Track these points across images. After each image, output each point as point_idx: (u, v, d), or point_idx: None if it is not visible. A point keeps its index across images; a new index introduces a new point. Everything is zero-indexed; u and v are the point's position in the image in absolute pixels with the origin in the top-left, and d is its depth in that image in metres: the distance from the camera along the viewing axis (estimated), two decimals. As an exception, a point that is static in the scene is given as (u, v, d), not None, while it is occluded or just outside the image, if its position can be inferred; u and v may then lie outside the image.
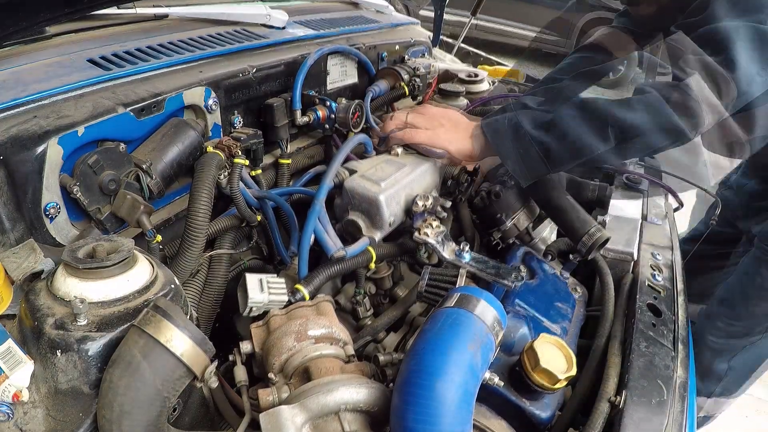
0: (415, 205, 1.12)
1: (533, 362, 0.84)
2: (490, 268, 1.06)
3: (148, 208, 0.98)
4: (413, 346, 0.72)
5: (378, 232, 1.10)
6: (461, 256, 1.07)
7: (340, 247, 1.03)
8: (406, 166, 1.19)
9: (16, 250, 0.83)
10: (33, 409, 0.68)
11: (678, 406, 0.89)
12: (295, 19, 1.64)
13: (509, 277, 1.04)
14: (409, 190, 1.15)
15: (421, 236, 1.09)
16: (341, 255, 1.02)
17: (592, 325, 1.15)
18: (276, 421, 0.66)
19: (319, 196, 1.05)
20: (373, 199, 1.08)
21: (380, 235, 1.10)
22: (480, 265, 1.07)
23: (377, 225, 1.09)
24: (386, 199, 1.08)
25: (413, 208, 1.12)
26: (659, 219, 1.47)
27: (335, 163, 1.10)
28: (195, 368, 0.70)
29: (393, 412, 0.68)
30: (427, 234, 1.09)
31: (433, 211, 1.15)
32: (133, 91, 1.04)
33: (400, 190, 1.13)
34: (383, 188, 1.09)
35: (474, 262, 1.08)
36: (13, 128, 0.84)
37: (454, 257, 1.08)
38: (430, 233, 1.09)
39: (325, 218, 1.07)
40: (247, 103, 1.30)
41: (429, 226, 1.10)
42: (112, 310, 0.72)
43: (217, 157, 1.11)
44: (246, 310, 0.96)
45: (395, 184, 1.12)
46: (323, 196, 1.05)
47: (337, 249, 1.02)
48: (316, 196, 1.06)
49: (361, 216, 1.10)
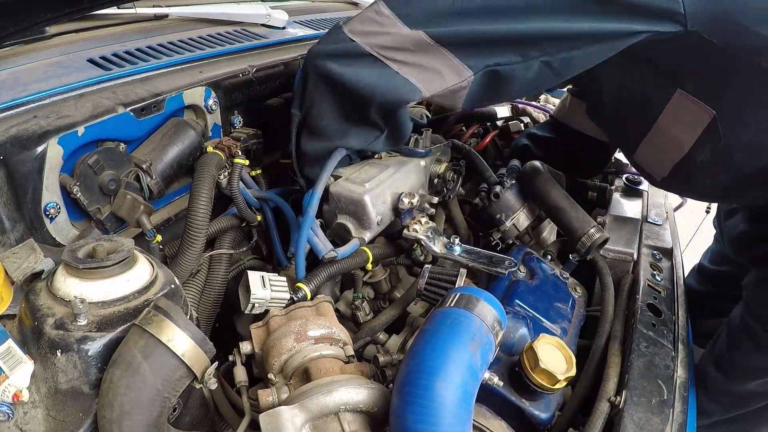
0: (400, 202, 1.14)
1: (533, 362, 0.84)
2: (482, 257, 1.07)
3: (148, 208, 0.98)
4: (413, 346, 0.72)
5: (367, 232, 1.11)
6: (452, 249, 1.08)
7: (330, 249, 1.04)
8: (389, 167, 1.21)
9: (16, 250, 0.83)
10: (33, 409, 0.68)
11: (678, 406, 0.89)
12: (295, 19, 1.64)
13: (502, 265, 1.04)
14: (395, 189, 1.17)
15: (410, 233, 1.10)
16: (332, 256, 1.03)
17: (592, 325, 1.15)
18: (276, 421, 0.66)
19: (311, 205, 1.06)
20: (358, 201, 1.09)
21: (369, 235, 1.11)
22: (472, 256, 1.07)
23: (365, 225, 1.11)
24: (371, 199, 1.09)
25: (399, 206, 1.14)
26: (659, 219, 1.47)
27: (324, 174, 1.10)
28: (195, 368, 0.70)
29: (392, 412, 0.68)
30: (416, 230, 1.10)
31: (421, 208, 1.17)
32: (133, 91, 1.04)
33: (385, 190, 1.14)
34: (367, 189, 1.10)
35: (465, 253, 1.08)
36: (13, 128, 0.84)
37: (445, 251, 1.09)
38: (419, 229, 1.10)
39: (314, 223, 1.09)
40: (247, 103, 1.30)
41: (418, 222, 1.11)
42: (112, 310, 0.72)
43: (217, 157, 1.11)
44: (248, 307, 0.96)
45: (380, 184, 1.14)
46: (315, 206, 1.06)
47: (328, 251, 1.03)
48: (309, 205, 1.07)
49: (349, 218, 1.12)
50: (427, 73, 0.98)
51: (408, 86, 0.99)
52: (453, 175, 1.37)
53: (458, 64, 0.96)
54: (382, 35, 0.97)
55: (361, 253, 1.11)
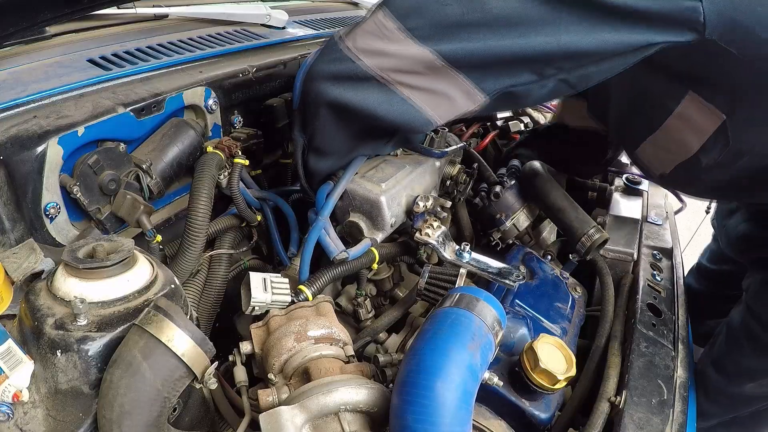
0: (416, 206, 1.12)
1: (533, 362, 0.84)
2: (491, 269, 1.07)
3: (148, 208, 0.98)
4: (413, 346, 0.72)
5: (379, 233, 1.09)
6: (461, 255, 1.07)
7: (342, 250, 1.02)
8: (406, 166, 1.18)
9: (16, 250, 0.83)
10: (33, 409, 0.68)
11: (678, 406, 0.89)
12: (295, 19, 1.64)
13: (510, 277, 1.04)
14: (410, 191, 1.15)
15: (422, 237, 1.09)
16: (344, 257, 1.01)
17: (592, 325, 1.15)
18: (276, 421, 0.66)
19: (323, 213, 1.04)
20: (374, 201, 1.07)
21: (382, 236, 1.10)
22: (481, 265, 1.07)
23: (378, 226, 1.09)
24: (387, 200, 1.07)
25: (414, 209, 1.12)
26: (659, 219, 1.47)
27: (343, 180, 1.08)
28: (195, 369, 0.69)
29: (392, 412, 0.68)
30: (428, 234, 1.09)
31: (433, 211, 1.14)
32: (133, 91, 1.04)
33: (401, 191, 1.12)
34: (384, 189, 1.08)
35: (474, 261, 1.08)
36: (13, 128, 0.84)
37: (455, 257, 1.08)
38: (431, 234, 1.09)
39: (327, 222, 1.06)
40: (247, 103, 1.30)
41: (430, 226, 1.10)
42: (112, 310, 0.72)
43: (217, 157, 1.11)
44: (248, 308, 0.96)
45: (396, 185, 1.11)
46: (328, 213, 1.05)
47: (340, 251, 1.01)
48: (321, 212, 1.04)
49: (363, 217, 1.10)
50: (438, 99, 0.93)
51: (419, 116, 0.94)
52: (465, 177, 1.35)
53: (471, 87, 0.91)
54: (388, 56, 0.90)
55: (368, 252, 1.09)
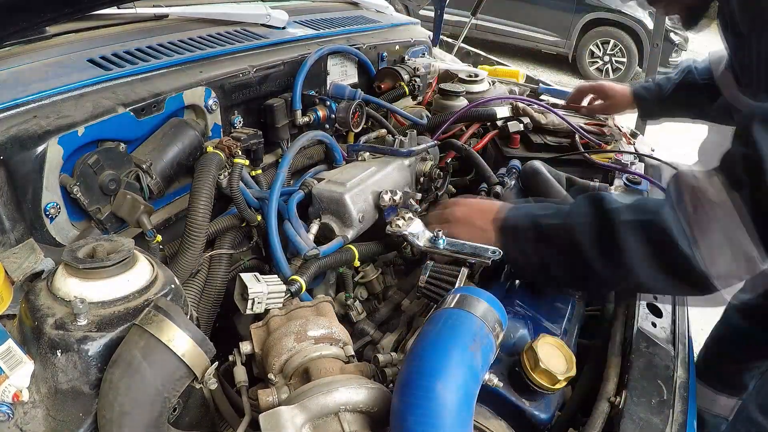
0: (380, 200, 1.17)
1: (533, 363, 0.84)
2: (466, 248, 1.06)
3: (148, 208, 0.98)
4: (413, 347, 0.72)
5: (349, 230, 1.14)
6: (436, 242, 1.08)
7: (312, 247, 1.05)
8: (371, 167, 1.24)
9: (16, 250, 0.83)
10: (33, 409, 0.68)
11: (678, 406, 0.89)
12: (295, 19, 1.64)
13: (486, 254, 1.03)
14: (377, 188, 1.20)
15: (393, 228, 1.12)
16: (315, 254, 1.04)
17: (592, 325, 1.15)
18: (276, 421, 0.66)
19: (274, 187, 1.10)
20: (338, 200, 1.12)
21: (352, 233, 1.14)
22: (456, 247, 1.07)
23: (348, 224, 1.14)
24: (351, 197, 1.12)
25: (380, 203, 1.17)
26: None
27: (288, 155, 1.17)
28: (196, 369, 0.69)
29: (393, 414, 0.68)
30: (398, 225, 1.12)
31: (405, 205, 1.20)
32: (133, 91, 1.04)
33: (367, 189, 1.18)
34: (348, 188, 1.14)
35: (449, 245, 1.08)
36: (13, 128, 0.84)
37: (430, 245, 1.09)
38: (401, 224, 1.12)
39: (297, 221, 1.11)
40: (247, 103, 1.30)
41: (401, 218, 1.13)
42: (112, 310, 0.72)
43: (217, 157, 1.11)
44: (248, 304, 0.96)
45: (360, 183, 1.17)
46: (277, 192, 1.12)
47: (310, 248, 1.05)
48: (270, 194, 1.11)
49: (332, 218, 1.15)
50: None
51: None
52: (438, 172, 1.41)
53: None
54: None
55: (347, 250, 1.13)
